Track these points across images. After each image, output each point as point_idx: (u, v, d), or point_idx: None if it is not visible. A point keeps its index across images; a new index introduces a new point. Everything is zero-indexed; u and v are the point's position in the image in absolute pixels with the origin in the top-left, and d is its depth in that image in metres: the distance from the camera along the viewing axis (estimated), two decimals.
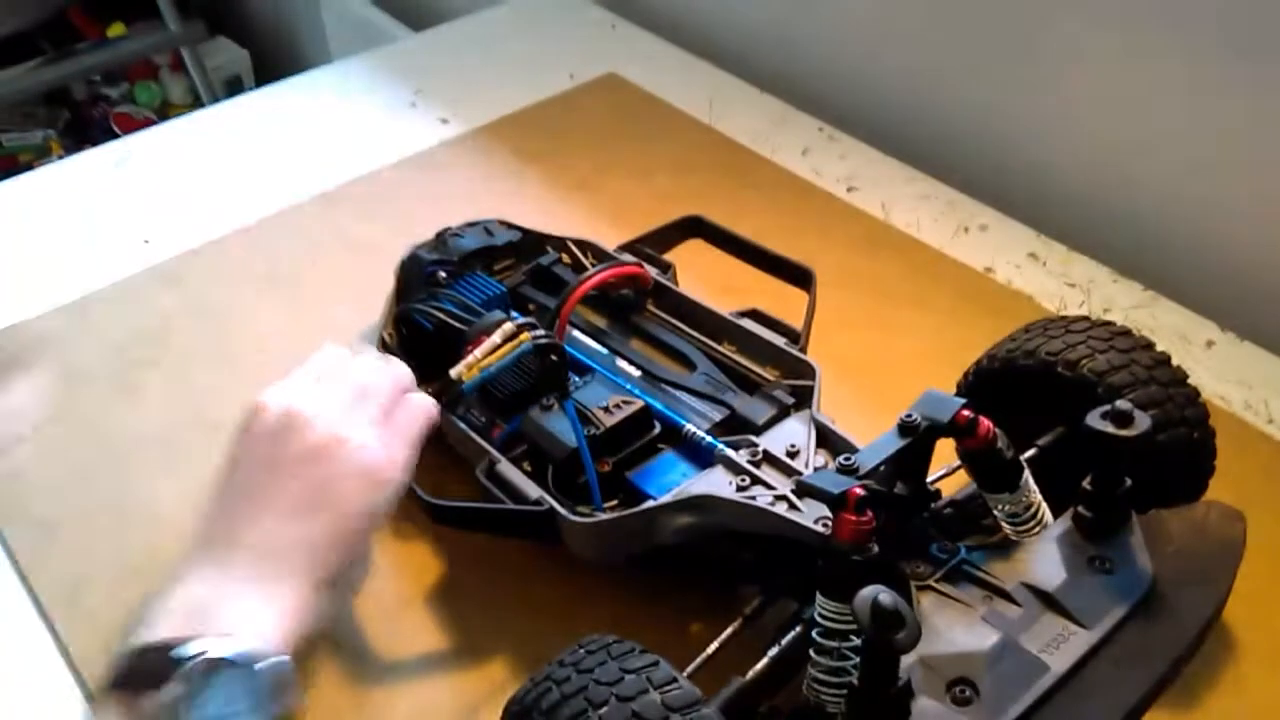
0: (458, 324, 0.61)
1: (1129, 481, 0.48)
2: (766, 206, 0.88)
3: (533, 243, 0.73)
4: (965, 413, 0.47)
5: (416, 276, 0.68)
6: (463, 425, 0.60)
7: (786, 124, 0.98)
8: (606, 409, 0.58)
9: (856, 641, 0.43)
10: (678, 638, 0.56)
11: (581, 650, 0.43)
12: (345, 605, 0.59)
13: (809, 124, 0.98)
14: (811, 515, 0.49)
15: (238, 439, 0.50)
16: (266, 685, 0.41)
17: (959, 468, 0.52)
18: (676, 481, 0.55)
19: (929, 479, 0.50)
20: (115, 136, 1.78)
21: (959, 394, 0.58)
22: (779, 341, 0.63)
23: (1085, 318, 0.57)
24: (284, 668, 0.42)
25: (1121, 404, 0.47)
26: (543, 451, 0.58)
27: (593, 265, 0.69)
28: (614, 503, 0.57)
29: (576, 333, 0.68)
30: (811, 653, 0.44)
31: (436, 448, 0.64)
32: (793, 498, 0.50)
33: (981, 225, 0.86)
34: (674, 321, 0.68)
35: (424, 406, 0.54)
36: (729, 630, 0.50)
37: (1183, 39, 0.76)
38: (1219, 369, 0.73)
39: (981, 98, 0.91)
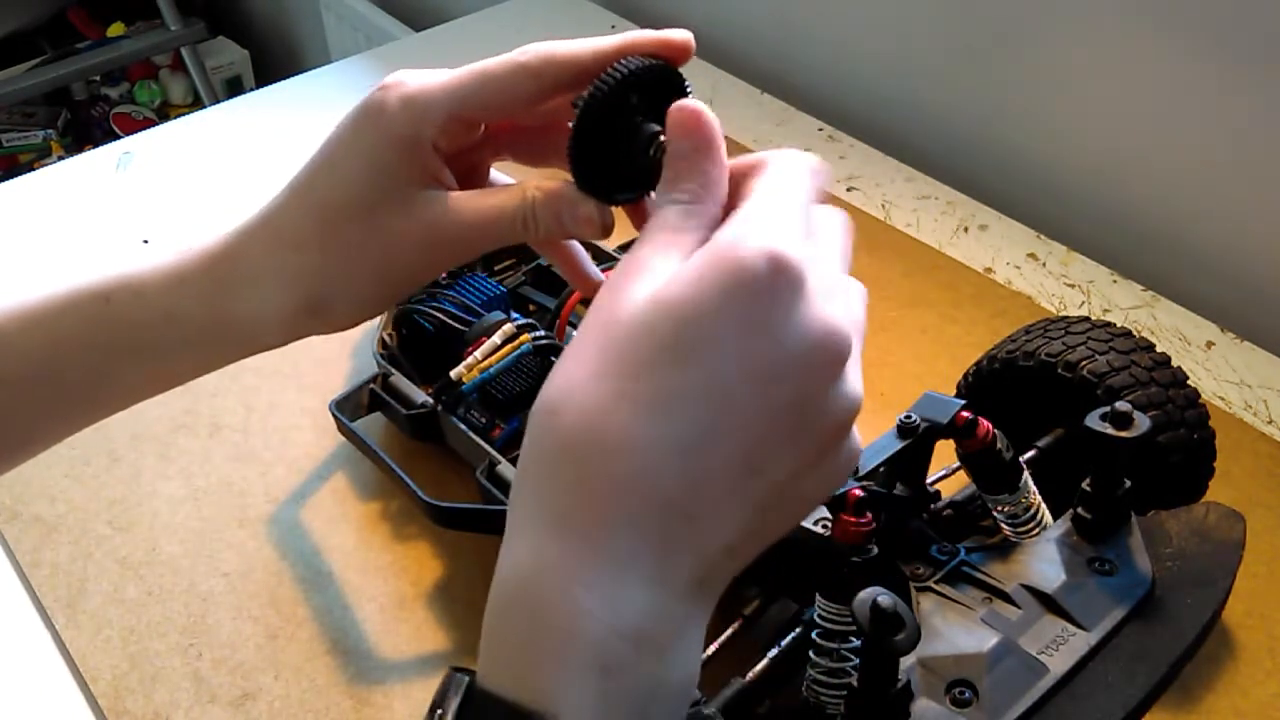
0: (458, 325, 0.61)
1: (1128, 483, 0.48)
2: None
3: None
4: (964, 414, 0.47)
5: None
6: (463, 426, 0.60)
7: (786, 124, 0.98)
8: None
9: (856, 643, 0.43)
10: None
11: None
12: None
13: (809, 124, 0.98)
14: (811, 516, 0.49)
15: (704, 295, 0.28)
16: None
17: (959, 469, 0.52)
18: None
19: (928, 480, 0.50)
20: (115, 136, 1.79)
21: (959, 395, 0.59)
22: None
23: (1085, 319, 0.57)
24: None
25: (1121, 405, 0.47)
26: None
27: None
28: None
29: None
30: (811, 654, 0.44)
31: (436, 449, 0.64)
32: None
33: (981, 225, 0.86)
34: None
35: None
36: (729, 630, 0.50)
37: (1183, 40, 0.76)
38: (1219, 370, 0.73)
39: (982, 98, 0.91)
